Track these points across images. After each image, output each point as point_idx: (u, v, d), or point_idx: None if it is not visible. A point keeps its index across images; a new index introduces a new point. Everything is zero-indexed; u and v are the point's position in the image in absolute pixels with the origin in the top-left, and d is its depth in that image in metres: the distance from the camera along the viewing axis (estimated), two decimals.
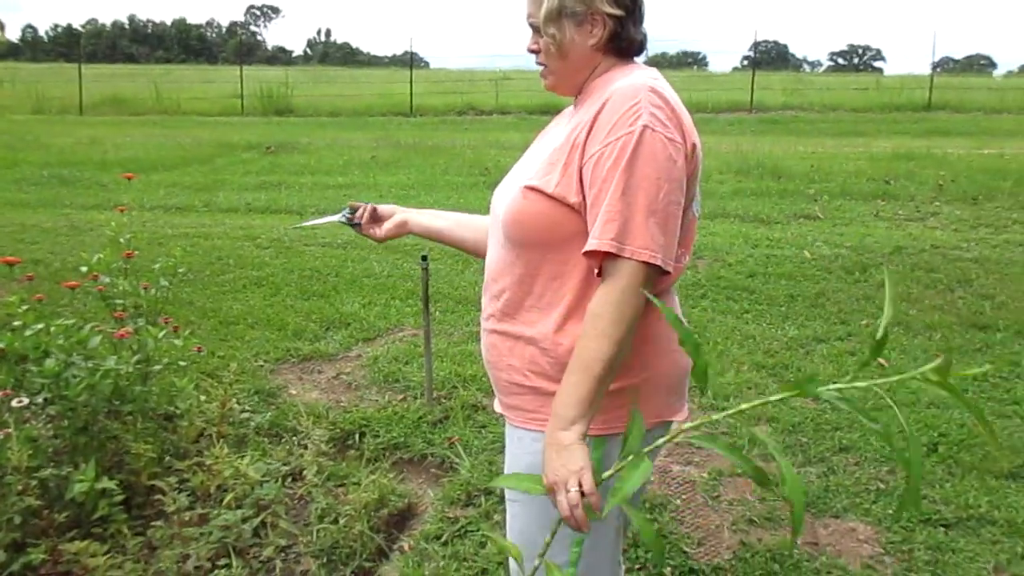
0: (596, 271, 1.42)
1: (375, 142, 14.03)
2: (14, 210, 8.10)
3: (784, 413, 3.51)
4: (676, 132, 1.42)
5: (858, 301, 5.13)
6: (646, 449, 1.25)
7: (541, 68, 1.60)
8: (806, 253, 6.27)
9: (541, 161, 1.55)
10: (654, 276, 1.40)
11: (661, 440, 1.25)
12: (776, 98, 21.78)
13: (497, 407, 1.71)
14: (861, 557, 2.60)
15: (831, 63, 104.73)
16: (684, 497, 2.97)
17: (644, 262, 1.36)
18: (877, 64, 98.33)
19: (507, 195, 1.59)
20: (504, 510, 2.82)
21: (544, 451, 1.37)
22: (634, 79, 1.47)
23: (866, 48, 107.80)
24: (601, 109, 1.44)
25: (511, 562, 1.67)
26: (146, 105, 21.29)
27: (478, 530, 2.73)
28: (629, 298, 1.37)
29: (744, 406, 1.21)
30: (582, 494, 1.30)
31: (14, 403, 2.53)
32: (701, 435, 1.22)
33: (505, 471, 1.69)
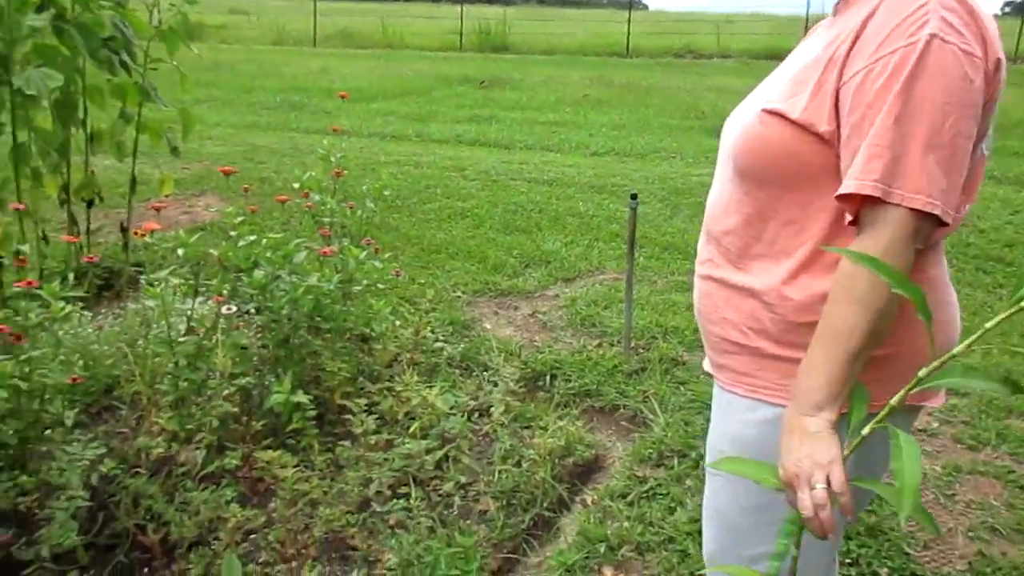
0: (850, 219, 1.14)
1: (588, 81, 13.76)
2: (249, 131, 8.68)
3: None
4: (975, 43, 1.09)
5: None
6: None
7: None
8: None
9: (786, 79, 1.26)
10: (927, 228, 1.10)
11: (867, 428, 1.02)
12: None
13: (706, 365, 1.48)
14: None
15: None
16: None
17: (916, 210, 1.06)
18: None
19: (741, 120, 1.32)
20: (698, 476, 2.59)
21: (783, 437, 1.13)
22: None
23: None
24: (872, 13, 1.13)
25: (707, 545, 1.45)
26: (373, 39, 22.23)
27: (668, 493, 2.52)
28: (896, 255, 1.08)
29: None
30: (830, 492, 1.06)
31: (223, 310, 2.60)
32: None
33: (709, 438, 1.47)
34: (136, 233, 2.99)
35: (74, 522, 2.10)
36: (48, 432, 2.30)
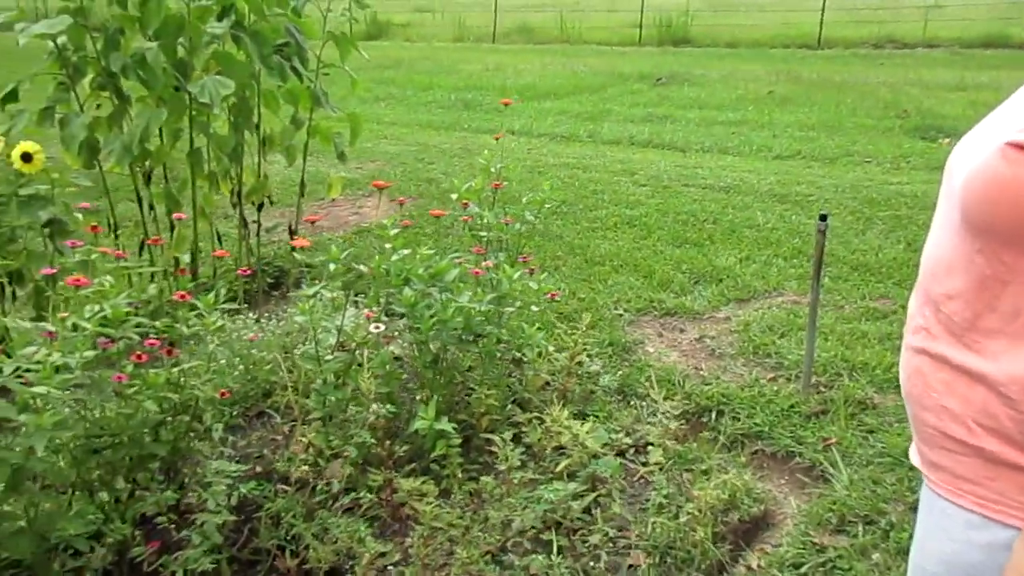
0: None
1: (774, 76, 12.98)
2: (422, 131, 8.79)
3: None
4: None
5: None
6: None
7: None
8: None
9: None
10: None
11: None
12: None
13: (913, 457, 1.19)
14: None
15: None
16: None
17: None
18: None
19: (974, 155, 1.02)
20: (887, 550, 2.23)
21: (1012, 560, 0.85)
22: None
23: None
24: None
25: None
26: (551, 34, 22.19)
27: (850, 569, 2.18)
28: None
29: None
30: None
31: (371, 328, 2.52)
32: None
33: (914, 552, 1.19)
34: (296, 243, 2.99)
35: (219, 535, 2.08)
36: (199, 443, 2.31)
